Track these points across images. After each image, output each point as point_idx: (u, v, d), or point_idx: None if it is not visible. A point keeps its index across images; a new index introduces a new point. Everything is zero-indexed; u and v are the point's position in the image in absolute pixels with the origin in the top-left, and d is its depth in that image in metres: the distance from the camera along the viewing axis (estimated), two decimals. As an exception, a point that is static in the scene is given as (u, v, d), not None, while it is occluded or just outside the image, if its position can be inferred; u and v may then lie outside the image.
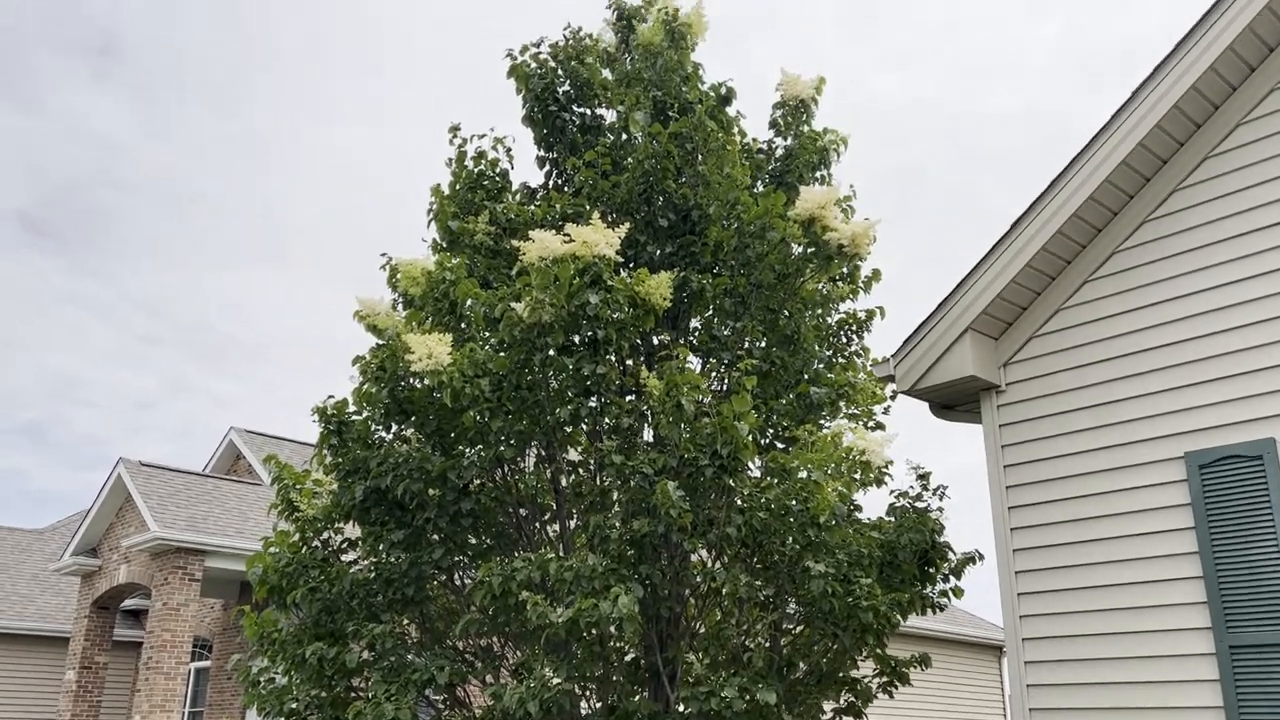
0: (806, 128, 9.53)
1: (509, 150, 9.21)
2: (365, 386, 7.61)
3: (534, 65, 9.21)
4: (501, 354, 7.47)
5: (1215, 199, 6.17)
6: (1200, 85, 6.13)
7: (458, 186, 9.06)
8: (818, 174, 9.41)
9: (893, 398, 8.72)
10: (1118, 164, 6.31)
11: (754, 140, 9.75)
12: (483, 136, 9.13)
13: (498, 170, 9.16)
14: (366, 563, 7.89)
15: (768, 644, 7.61)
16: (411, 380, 7.50)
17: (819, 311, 8.68)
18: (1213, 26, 6.06)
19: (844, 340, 8.92)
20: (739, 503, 6.90)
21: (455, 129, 9.10)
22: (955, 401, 6.96)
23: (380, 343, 7.87)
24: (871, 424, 8.74)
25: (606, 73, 9.61)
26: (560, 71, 9.26)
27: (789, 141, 9.50)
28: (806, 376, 8.41)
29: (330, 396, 7.82)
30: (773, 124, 9.66)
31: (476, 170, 9.09)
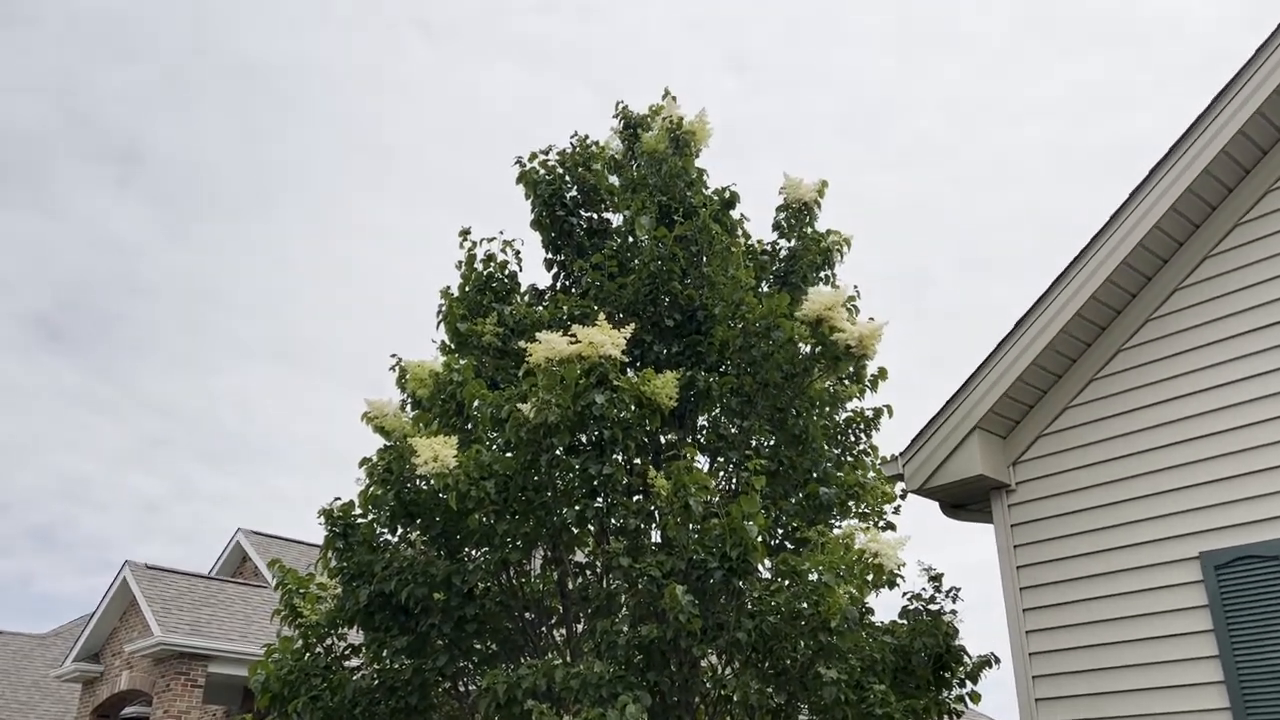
0: (810, 229, 9.65)
1: (518, 253, 9.34)
2: (371, 489, 7.57)
3: (542, 171, 9.40)
4: (508, 455, 7.44)
5: (1216, 298, 6.19)
6: (1196, 187, 6.22)
7: (467, 289, 9.16)
8: (821, 274, 9.49)
9: (903, 497, 8.62)
10: (1119, 263, 6.36)
11: (758, 242, 9.87)
12: (492, 240, 9.28)
13: (506, 272, 9.26)
14: (370, 670, 7.72)
15: (781, 754, 7.37)
16: (418, 482, 7.46)
17: (827, 410, 8.68)
18: (1206, 130, 6.18)
19: (852, 439, 8.88)
20: (749, 606, 6.79)
21: (465, 233, 9.25)
22: (965, 500, 6.87)
23: (387, 444, 7.85)
24: (883, 524, 8.62)
25: (613, 178, 9.81)
26: (568, 177, 9.44)
27: (792, 243, 9.62)
28: (815, 476, 8.36)
29: (337, 499, 7.79)
30: (776, 226, 9.79)
31: (485, 273, 9.19)
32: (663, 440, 8.50)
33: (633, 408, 7.10)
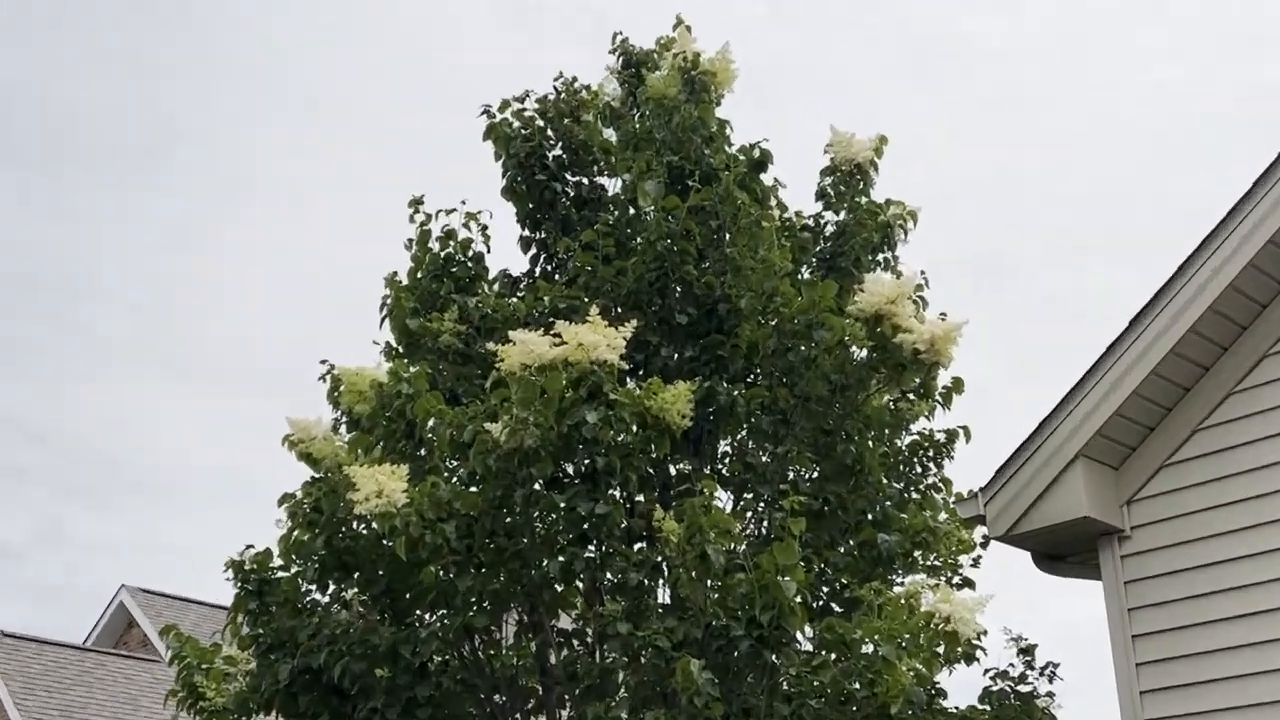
0: (864, 199, 9.63)
1: (485, 229, 9.33)
2: (295, 534, 7.55)
3: (517, 125, 9.38)
4: (472, 490, 7.42)
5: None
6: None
7: (419, 275, 9.14)
8: (879, 256, 9.47)
9: (984, 545, 8.59)
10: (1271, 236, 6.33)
11: (797, 215, 9.85)
12: (451, 211, 9.26)
13: (470, 254, 9.26)
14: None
15: None
16: (355, 525, 7.45)
17: (887, 433, 8.66)
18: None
19: (919, 470, 8.88)
20: (785, 687, 6.76)
21: (417, 202, 9.24)
22: (1065, 550, 6.83)
23: (316, 476, 7.84)
24: (958, 580, 8.59)
25: (609, 132, 9.79)
26: (550, 132, 9.43)
27: (841, 216, 9.60)
28: (871, 518, 8.33)
29: (249, 546, 7.76)
30: (820, 194, 9.78)
31: (443, 254, 9.18)
32: (673, 471, 8.47)
33: (634, 429, 7.08)
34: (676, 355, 8.58)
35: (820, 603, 8.27)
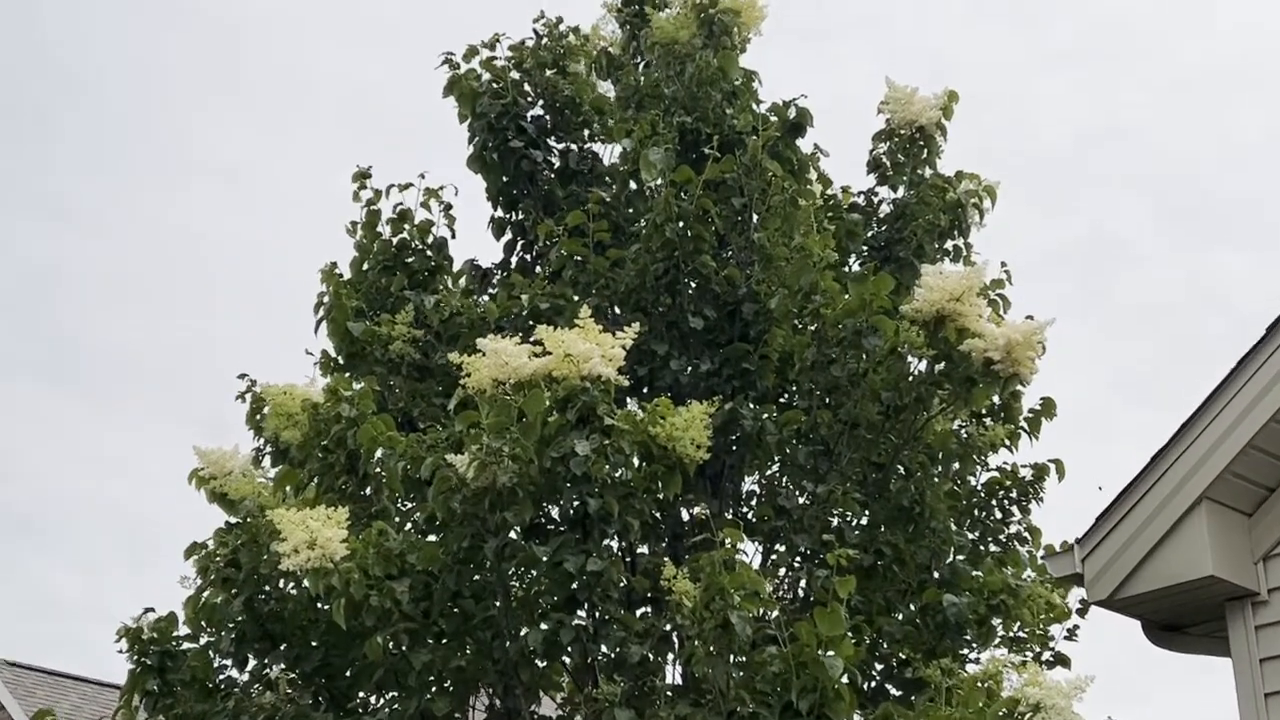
0: (928, 170, 9.61)
1: (448, 208, 9.33)
2: (206, 594, 7.53)
3: (486, 77, 9.37)
4: (431, 539, 7.37)
5: None
6: None
7: (365, 266, 9.13)
8: (947, 244, 9.46)
9: (1081, 611, 8.53)
10: None
11: (843, 191, 9.82)
12: (406, 187, 9.26)
13: (430, 240, 9.24)
14: None
15: None
16: (282, 584, 7.43)
17: (955, 467, 8.63)
18: None
19: (997, 516, 8.83)
20: (828, 791, 6.72)
21: (363, 176, 9.25)
22: (1185, 618, 6.79)
23: (232, 521, 7.80)
24: (1048, 656, 8.52)
25: (604, 87, 9.78)
26: (529, 86, 9.41)
27: (900, 193, 9.57)
28: (937, 576, 8.29)
29: (148, 610, 7.72)
30: (874, 165, 9.75)
31: (396, 240, 9.17)
32: (686, 516, 8.43)
33: (637, 462, 7.05)
34: (690, 369, 8.56)
35: (873, 684, 8.22)
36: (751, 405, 8.20)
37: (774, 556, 8.45)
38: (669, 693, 7.31)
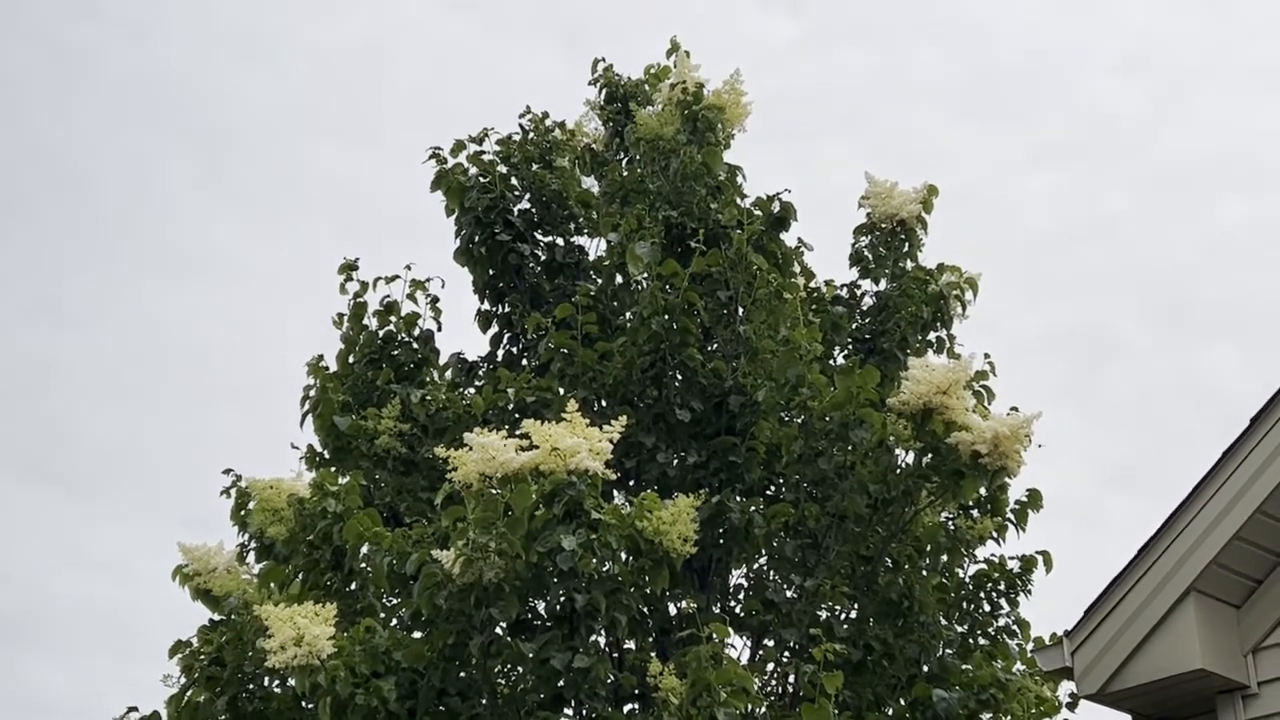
0: (909, 263, 9.68)
1: (435, 301, 9.37)
2: (190, 693, 7.47)
3: (474, 171, 9.46)
4: (417, 636, 7.32)
5: None
6: None
7: (351, 360, 9.14)
8: (931, 336, 9.51)
9: (1070, 706, 8.46)
10: None
11: (827, 284, 9.87)
12: (393, 279, 9.30)
13: (416, 333, 9.26)
14: None
15: None
16: (268, 682, 7.38)
17: (943, 559, 8.60)
18: None
19: (986, 609, 8.80)
20: None
21: (349, 268, 9.30)
22: (1175, 712, 6.74)
23: (217, 619, 7.75)
24: (1039, 751, 8.46)
25: (589, 182, 9.85)
26: (515, 180, 9.49)
27: (882, 286, 9.63)
28: (926, 670, 8.25)
29: (131, 710, 7.68)
30: (856, 258, 9.81)
31: (382, 333, 9.19)
32: (673, 610, 8.37)
33: (624, 556, 7.01)
34: (677, 461, 8.55)
35: (863, 780, 8.14)
36: (739, 498, 8.19)
37: (762, 651, 8.39)
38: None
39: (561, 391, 8.53)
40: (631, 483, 8.57)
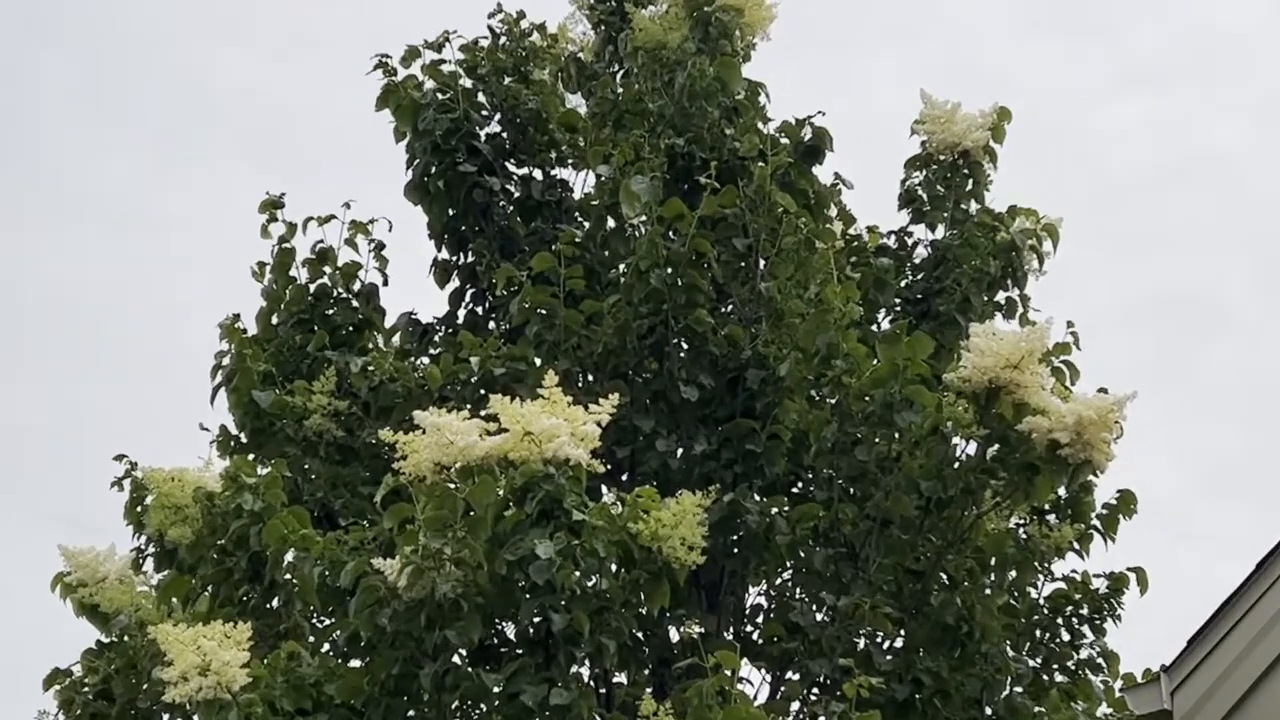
0: (974, 205, 9.65)
1: (379, 248, 9.35)
2: (72, 732, 7.47)
3: (431, 85, 9.41)
4: (354, 664, 7.32)
5: None
6: None
7: (276, 321, 9.13)
8: (999, 297, 9.50)
9: (1170, 758, 8.50)
10: None
11: (870, 231, 9.83)
12: (327, 220, 9.28)
13: (357, 287, 9.27)
14: None
15: None
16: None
17: (1012, 576, 8.58)
18: None
19: (1065, 638, 8.78)
20: None
21: (273, 205, 9.26)
22: (1299, 766, 6.76)
23: (106, 640, 7.77)
24: (1127, 810, 8.49)
25: (575, 100, 9.79)
26: (483, 97, 9.44)
27: (939, 233, 9.62)
28: (990, 712, 8.25)
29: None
30: (907, 198, 9.80)
31: (314, 287, 9.20)
32: (675, 635, 8.37)
33: (614, 567, 7.00)
34: (681, 450, 8.53)
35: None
36: (757, 497, 8.19)
37: (784, 687, 8.39)
38: None
39: (538, 362, 8.50)
40: (624, 476, 8.60)
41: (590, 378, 8.63)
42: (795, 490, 8.62)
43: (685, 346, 8.58)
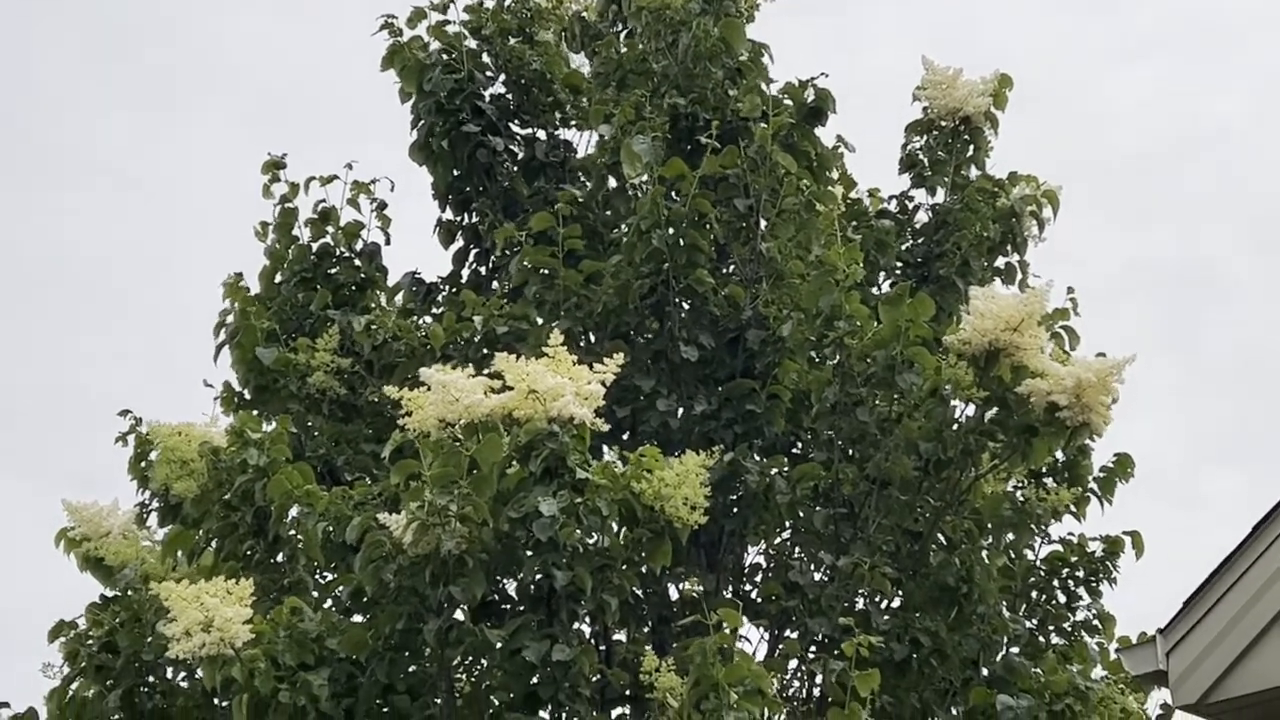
0: (974, 170, 9.66)
1: (382, 207, 9.36)
2: (76, 686, 7.49)
3: (435, 46, 9.39)
4: (358, 620, 7.34)
5: None
6: None
7: (279, 279, 9.14)
8: (999, 261, 9.51)
9: (1164, 719, 8.48)
10: None
11: (871, 194, 9.85)
12: (330, 180, 9.28)
13: (360, 247, 9.27)
14: None
15: None
16: (170, 675, 7.42)
17: (1009, 538, 8.62)
18: None
19: (1061, 600, 8.82)
20: None
21: (275, 166, 9.28)
22: (1294, 728, 6.77)
23: (109, 595, 7.76)
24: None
25: (579, 60, 9.76)
26: (487, 57, 9.43)
27: (940, 198, 9.62)
28: (987, 672, 8.26)
29: (2, 706, 7.71)
30: (908, 162, 9.80)
31: (317, 246, 9.21)
32: (675, 593, 8.41)
33: (616, 526, 7.01)
34: (682, 410, 8.55)
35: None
36: (758, 457, 8.20)
37: (783, 645, 8.40)
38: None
39: (540, 321, 8.52)
40: (626, 436, 8.57)
41: (591, 338, 8.65)
42: (795, 450, 8.64)
43: (686, 306, 8.59)
